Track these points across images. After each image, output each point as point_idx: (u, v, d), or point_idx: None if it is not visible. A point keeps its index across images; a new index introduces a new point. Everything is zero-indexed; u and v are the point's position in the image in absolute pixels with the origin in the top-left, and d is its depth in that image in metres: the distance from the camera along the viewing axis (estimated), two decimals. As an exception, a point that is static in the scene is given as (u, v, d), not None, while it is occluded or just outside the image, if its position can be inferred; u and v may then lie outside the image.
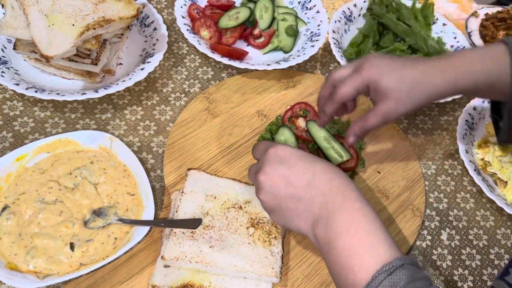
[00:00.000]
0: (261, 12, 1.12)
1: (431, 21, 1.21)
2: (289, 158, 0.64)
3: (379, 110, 0.73)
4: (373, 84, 0.72)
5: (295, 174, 0.63)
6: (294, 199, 0.63)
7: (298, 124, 0.91)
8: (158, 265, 0.72)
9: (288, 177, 0.63)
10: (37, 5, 0.86)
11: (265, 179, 0.64)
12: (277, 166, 0.64)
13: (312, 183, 0.62)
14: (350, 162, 0.87)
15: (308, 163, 0.64)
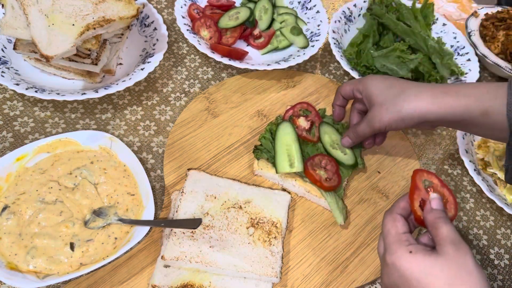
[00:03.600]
0: (260, 13, 1.12)
1: (431, 21, 1.21)
2: (406, 273, 0.56)
3: (366, 117, 0.80)
4: (366, 90, 0.79)
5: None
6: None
7: (299, 123, 0.91)
8: (158, 265, 0.72)
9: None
10: (37, 5, 0.86)
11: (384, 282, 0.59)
12: (397, 280, 0.57)
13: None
14: (450, 210, 0.67)
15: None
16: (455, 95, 0.72)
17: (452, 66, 1.09)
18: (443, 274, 0.54)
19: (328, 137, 0.89)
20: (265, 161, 0.87)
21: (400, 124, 0.75)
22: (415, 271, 0.56)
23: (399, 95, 0.75)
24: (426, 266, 0.55)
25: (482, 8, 1.31)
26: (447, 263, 0.55)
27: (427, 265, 0.55)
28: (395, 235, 0.60)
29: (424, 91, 0.74)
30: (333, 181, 0.83)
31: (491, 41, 1.21)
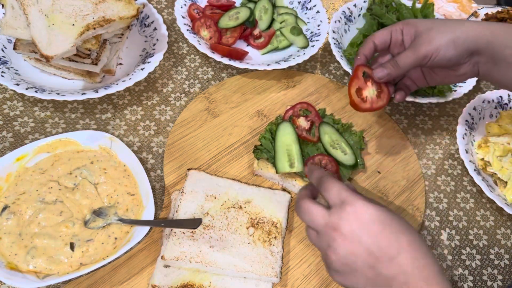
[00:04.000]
0: (260, 13, 1.12)
1: (431, 21, 1.21)
2: (372, 224, 0.58)
3: (410, 45, 0.74)
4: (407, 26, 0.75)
5: (379, 246, 0.57)
6: (373, 270, 0.58)
7: (299, 123, 0.91)
8: (158, 265, 0.72)
9: (371, 248, 0.57)
10: (37, 5, 0.86)
11: (343, 242, 0.58)
12: (359, 233, 0.58)
13: (396, 259, 0.57)
14: (382, 99, 0.79)
15: (394, 234, 0.58)
16: (508, 26, 0.72)
17: (452, 66, 1.09)
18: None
19: (328, 137, 0.89)
20: (265, 161, 0.87)
21: (450, 49, 0.71)
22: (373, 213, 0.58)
23: (449, 21, 0.73)
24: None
25: (482, 8, 1.31)
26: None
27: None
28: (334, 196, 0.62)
29: (476, 21, 0.75)
30: None
31: (491, 41, 1.21)
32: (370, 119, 1.02)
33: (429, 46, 0.71)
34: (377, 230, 0.58)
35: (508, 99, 1.05)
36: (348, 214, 0.58)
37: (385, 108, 1.06)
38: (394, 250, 0.57)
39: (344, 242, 0.58)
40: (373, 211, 0.58)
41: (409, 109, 1.07)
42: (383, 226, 0.58)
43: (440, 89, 1.03)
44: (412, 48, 0.73)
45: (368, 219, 0.58)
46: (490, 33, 0.71)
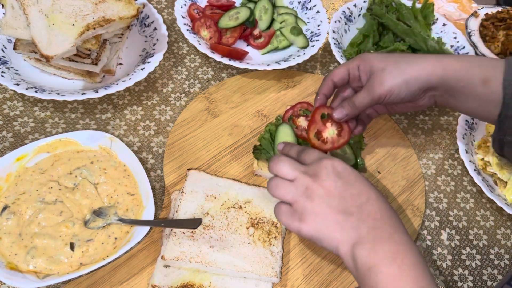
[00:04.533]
0: (260, 13, 1.12)
1: (431, 21, 1.21)
2: (347, 175, 0.64)
3: (365, 86, 0.76)
4: (363, 62, 0.77)
5: (351, 192, 0.63)
6: (344, 214, 0.62)
7: (299, 123, 0.91)
8: (158, 265, 0.72)
9: (343, 193, 0.63)
10: (37, 5, 0.86)
11: (321, 186, 0.63)
12: (335, 179, 0.63)
13: (365, 206, 0.62)
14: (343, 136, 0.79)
15: (364, 186, 0.64)
16: (458, 59, 0.74)
17: (452, 66, 1.08)
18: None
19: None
20: (265, 161, 0.87)
21: (403, 89, 0.73)
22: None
23: (402, 59, 0.74)
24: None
25: (482, 8, 1.31)
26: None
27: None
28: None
29: (428, 56, 0.75)
30: None
31: (491, 41, 1.21)
32: (370, 119, 1.02)
33: (382, 88, 0.73)
34: (351, 179, 0.64)
35: (508, 99, 1.05)
36: (326, 163, 0.65)
37: (385, 108, 1.06)
38: (364, 198, 0.63)
39: (322, 186, 0.63)
40: (348, 166, 0.65)
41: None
42: (355, 177, 0.65)
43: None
44: (367, 89, 0.75)
45: (343, 170, 0.65)
46: (442, 69, 0.73)
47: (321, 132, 0.79)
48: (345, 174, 0.64)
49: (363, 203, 0.63)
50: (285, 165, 0.66)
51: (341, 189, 0.63)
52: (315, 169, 0.65)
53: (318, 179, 0.64)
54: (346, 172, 0.65)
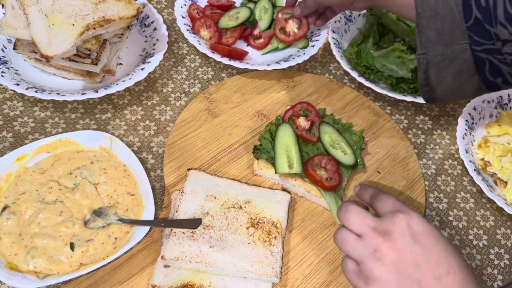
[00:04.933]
0: (260, 13, 1.12)
1: (431, 21, 1.21)
2: (426, 238, 0.57)
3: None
4: None
5: (428, 261, 0.56)
6: (417, 285, 0.55)
7: (299, 123, 0.91)
8: (158, 265, 0.72)
9: (419, 260, 0.56)
10: (37, 5, 0.86)
11: (393, 248, 0.56)
12: (410, 242, 0.56)
13: (444, 278, 0.55)
14: (302, 29, 1.07)
15: (445, 252, 0.57)
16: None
17: (452, 66, 1.09)
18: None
19: (328, 137, 0.89)
20: (265, 161, 0.87)
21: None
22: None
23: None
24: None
25: (482, 8, 1.31)
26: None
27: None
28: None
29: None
30: (334, 181, 0.83)
31: (491, 41, 1.21)
32: (370, 119, 1.02)
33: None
34: (429, 243, 0.56)
35: (508, 99, 1.05)
36: (401, 220, 0.57)
37: (385, 108, 1.06)
38: (443, 269, 0.55)
39: (394, 248, 0.56)
40: (427, 225, 0.57)
41: (409, 109, 1.07)
42: (436, 241, 0.56)
43: (440, 89, 1.03)
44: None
45: (421, 230, 0.56)
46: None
47: (284, 28, 1.07)
48: (423, 235, 0.57)
49: (443, 275, 0.55)
50: (354, 217, 0.60)
51: (417, 254, 0.55)
52: (388, 225, 0.57)
53: (390, 239, 0.56)
54: (425, 233, 0.57)
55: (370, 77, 1.06)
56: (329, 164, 0.85)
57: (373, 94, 1.08)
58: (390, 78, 1.04)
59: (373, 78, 1.06)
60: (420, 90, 0.87)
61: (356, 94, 1.07)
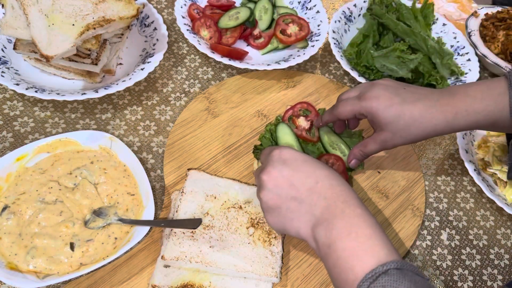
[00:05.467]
0: (260, 13, 1.12)
1: (431, 21, 1.21)
2: (293, 161, 0.66)
3: (376, 139, 0.78)
4: (371, 115, 0.76)
5: (298, 177, 0.65)
6: (296, 201, 0.64)
7: (299, 123, 0.91)
8: (158, 265, 0.72)
9: (291, 179, 0.65)
10: (37, 5, 0.86)
11: (268, 178, 0.66)
12: (281, 167, 0.66)
13: (314, 188, 0.64)
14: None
15: (312, 168, 0.66)
16: (465, 112, 0.73)
17: (452, 66, 1.09)
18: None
19: (327, 138, 0.89)
20: (265, 161, 0.87)
21: (413, 143, 0.78)
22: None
23: (411, 124, 0.74)
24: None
25: (482, 8, 1.31)
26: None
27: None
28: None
29: (436, 116, 0.73)
30: None
31: (491, 41, 1.21)
32: (370, 119, 1.02)
33: (393, 145, 0.78)
34: (296, 164, 0.65)
35: (508, 99, 1.05)
36: (272, 156, 0.67)
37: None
38: (312, 180, 0.64)
39: (269, 178, 0.65)
40: (295, 152, 0.67)
41: (409, 109, 1.07)
42: (302, 161, 0.66)
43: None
44: (380, 143, 0.78)
45: (289, 157, 0.66)
46: (450, 129, 0.75)
47: (285, 30, 1.06)
48: (292, 160, 0.66)
49: (313, 186, 0.64)
50: (254, 173, 0.72)
51: (289, 175, 0.65)
52: (265, 164, 0.68)
53: (267, 173, 0.66)
54: (292, 158, 0.66)
55: (370, 77, 1.06)
56: (335, 165, 0.85)
57: (373, 94, 1.08)
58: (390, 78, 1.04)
59: (373, 78, 1.06)
60: (509, 169, 0.87)
61: (356, 94, 1.07)
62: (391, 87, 0.76)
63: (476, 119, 0.73)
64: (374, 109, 0.75)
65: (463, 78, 1.10)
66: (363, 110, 0.76)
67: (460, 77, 1.10)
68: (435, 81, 1.03)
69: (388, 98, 0.74)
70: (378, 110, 0.74)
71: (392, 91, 0.75)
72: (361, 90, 0.79)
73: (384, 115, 0.74)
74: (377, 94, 0.75)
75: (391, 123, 0.74)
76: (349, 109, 0.78)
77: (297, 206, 0.64)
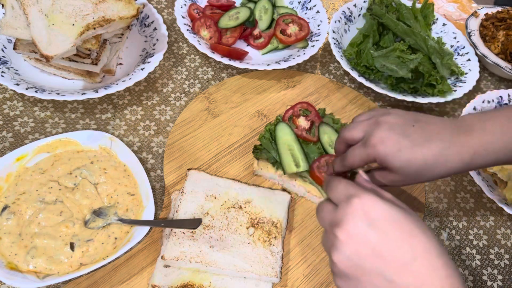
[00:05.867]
0: (260, 13, 1.12)
1: (431, 21, 1.21)
2: (383, 222, 0.51)
3: (386, 177, 0.67)
4: (380, 161, 0.65)
5: (389, 247, 0.50)
6: (382, 277, 0.50)
7: (299, 123, 0.91)
8: (158, 265, 0.72)
9: (378, 248, 0.50)
10: (37, 5, 0.86)
11: (346, 239, 0.51)
12: (365, 230, 0.51)
13: (410, 265, 0.49)
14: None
15: (407, 234, 0.51)
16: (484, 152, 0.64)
17: (452, 66, 1.09)
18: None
19: (327, 137, 0.89)
20: (265, 161, 0.87)
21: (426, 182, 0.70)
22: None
23: (423, 169, 0.64)
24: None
25: (482, 8, 1.31)
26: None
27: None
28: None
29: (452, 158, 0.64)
30: None
31: (491, 41, 1.21)
32: (370, 119, 1.02)
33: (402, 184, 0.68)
34: (387, 229, 0.51)
35: (508, 99, 1.05)
36: (354, 209, 0.52)
37: (385, 108, 1.06)
38: (407, 255, 0.50)
39: (348, 240, 0.51)
40: (383, 207, 0.52)
41: (409, 109, 1.07)
42: (395, 225, 0.51)
43: (440, 89, 1.03)
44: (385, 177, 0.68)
45: (377, 216, 0.51)
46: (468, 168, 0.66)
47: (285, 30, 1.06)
48: (381, 220, 0.51)
49: (408, 262, 0.49)
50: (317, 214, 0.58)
51: (376, 242, 0.50)
52: (341, 216, 0.53)
53: (346, 232, 0.51)
54: (381, 217, 0.51)
55: (370, 77, 1.06)
56: None
57: (373, 94, 1.08)
58: (390, 78, 1.04)
59: (373, 78, 1.06)
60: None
61: (356, 94, 1.07)
62: (398, 125, 0.65)
63: (496, 157, 0.65)
64: (382, 155, 0.64)
65: (463, 78, 1.10)
66: (371, 157, 0.65)
67: (460, 77, 1.10)
68: (435, 81, 1.03)
69: (396, 141, 0.63)
70: (386, 156, 0.63)
71: (400, 132, 0.64)
72: (365, 130, 0.67)
73: (394, 161, 0.63)
74: (383, 137, 0.64)
75: (401, 168, 0.64)
76: (358, 160, 0.67)
77: (382, 283, 0.50)
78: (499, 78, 1.21)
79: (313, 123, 0.91)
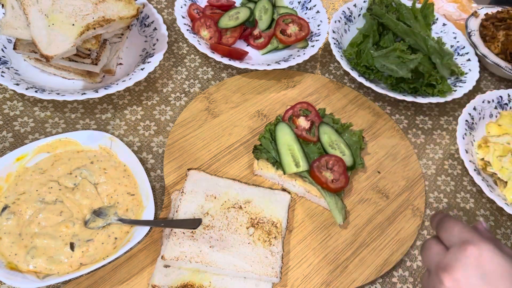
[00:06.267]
0: (260, 13, 1.12)
1: (431, 21, 1.21)
2: (494, 275, 0.47)
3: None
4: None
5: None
6: None
7: (299, 123, 0.91)
8: (158, 265, 0.72)
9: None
10: (37, 5, 0.86)
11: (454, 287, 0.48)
12: (476, 282, 0.47)
13: None
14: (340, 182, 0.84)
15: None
16: None
17: (452, 66, 1.09)
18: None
19: (327, 137, 0.89)
20: (265, 161, 0.87)
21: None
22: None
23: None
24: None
25: (482, 8, 1.31)
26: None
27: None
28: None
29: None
30: (339, 182, 0.83)
31: (491, 41, 1.21)
32: (370, 119, 1.02)
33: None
34: (498, 281, 0.47)
35: (508, 99, 1.05)
36: (467, 256, 0.48)
37: (385, 108, 1.07)
38: None
39: (456, 286, 0.48)
40: (501, 261, 0.47)
41: (409, 109, 1.07)
42: (507, 277, 0.47)
43: (440, 89, 1.03)
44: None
45: (492, 269, 0.47)
46: None
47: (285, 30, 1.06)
48: (495, 273, 0.47)
49: None
50: (423, 252, 0.54)
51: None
52: (451, 261, 0.49)
53: (451, 279, 0.48)
54: (497, 271, 0.47)
55: (370, 77, 1.06)
56: (336, 165, 0.85)
57: (373, 94, 1.08)
58: (390, 78, 1.04)
59: (373, 78, 1.06)
60: None
61: (356, 94, 1.07)
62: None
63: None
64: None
65: (463, 78, 1.10)
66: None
67: (460, 77, 1.10)
68: (435, 81, 1.03)
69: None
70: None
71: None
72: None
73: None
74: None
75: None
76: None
77: None
78: (499, 78, 1.21)
79: (313, 123, 0.91)
